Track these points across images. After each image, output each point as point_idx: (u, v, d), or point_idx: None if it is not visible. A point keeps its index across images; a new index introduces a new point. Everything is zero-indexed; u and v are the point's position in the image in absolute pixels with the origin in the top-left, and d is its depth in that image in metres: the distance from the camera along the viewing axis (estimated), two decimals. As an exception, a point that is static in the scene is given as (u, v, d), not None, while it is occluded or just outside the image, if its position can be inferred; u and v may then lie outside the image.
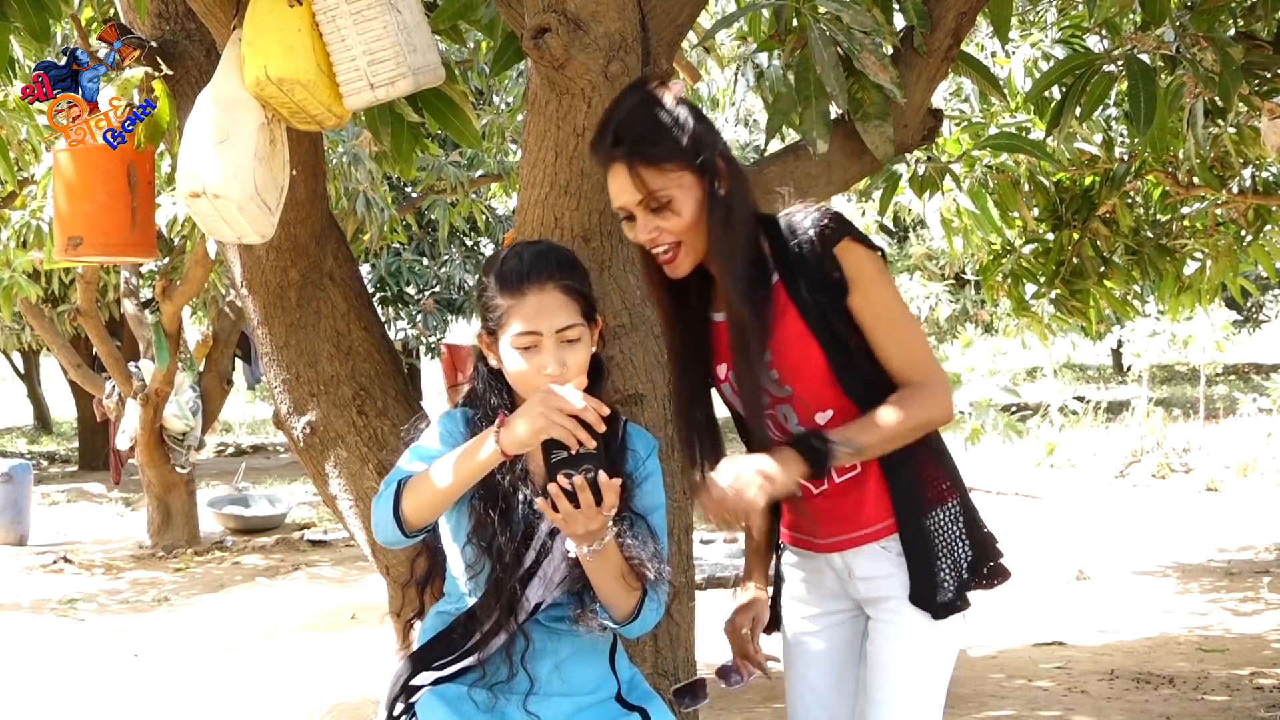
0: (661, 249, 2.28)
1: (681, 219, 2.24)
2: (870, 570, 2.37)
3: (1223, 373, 19.87)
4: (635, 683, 2.41)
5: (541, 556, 2.28)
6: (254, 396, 23.67)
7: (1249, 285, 6.73)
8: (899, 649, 2.35)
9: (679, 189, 2.23)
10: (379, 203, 7.84)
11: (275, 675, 6.22)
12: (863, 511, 2.36)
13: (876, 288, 2.28)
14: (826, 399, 2.31)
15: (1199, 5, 3.68)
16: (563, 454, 2.10)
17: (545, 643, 2.31)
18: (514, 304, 2.22)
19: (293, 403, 3.23)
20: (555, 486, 2.11)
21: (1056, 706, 5.27)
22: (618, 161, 2.24)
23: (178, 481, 10.00)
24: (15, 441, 20.98)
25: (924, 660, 2.35)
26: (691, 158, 2.23)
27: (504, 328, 2.24)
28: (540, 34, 2.53)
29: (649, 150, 2.22)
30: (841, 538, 2.39)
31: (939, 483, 2.35)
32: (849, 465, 2.32)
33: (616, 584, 2.24)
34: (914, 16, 3.05)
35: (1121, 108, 5.06)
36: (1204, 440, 12.92)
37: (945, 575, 2.33)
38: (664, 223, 2.25)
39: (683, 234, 2.26)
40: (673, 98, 2.28)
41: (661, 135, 2.23)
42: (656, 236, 2.26)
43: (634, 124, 2.24)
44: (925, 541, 2.32)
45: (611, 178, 2.27)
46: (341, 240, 3.35)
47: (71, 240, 3.15)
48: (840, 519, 2.39)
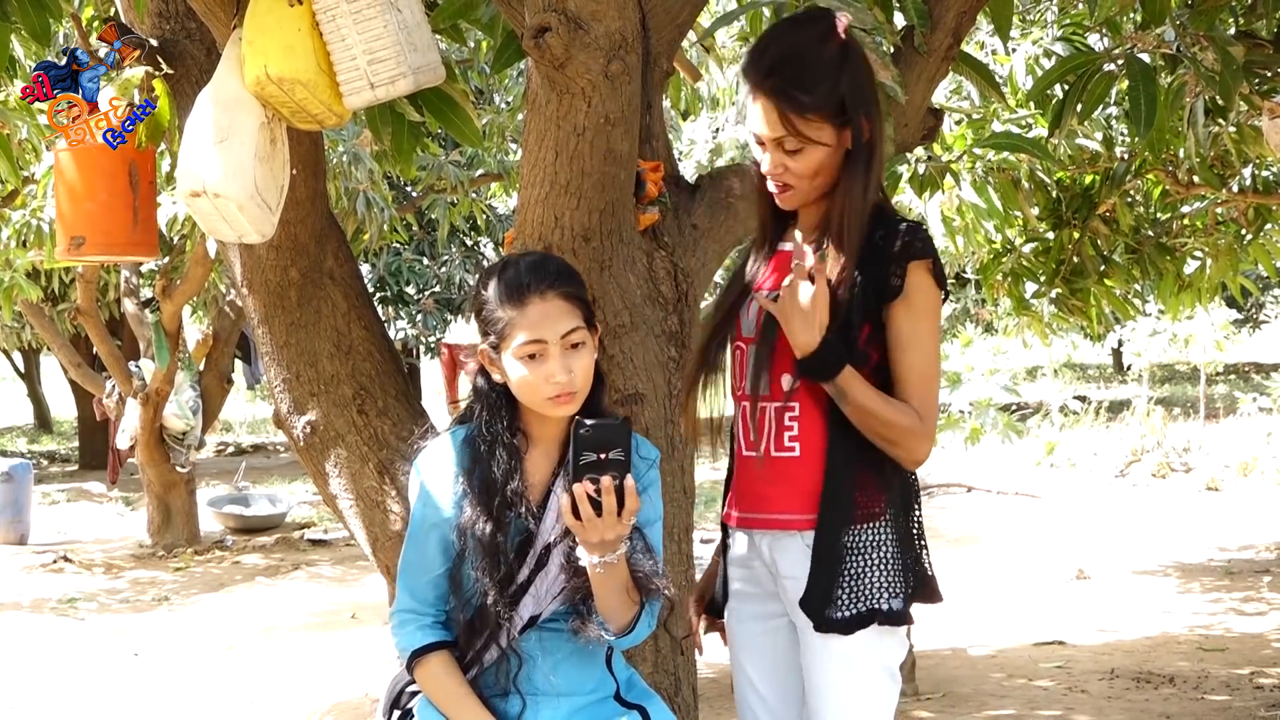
0: (778, 184, 2.31)
1: (807, 166, 2.27)
2: (795, 570, 2.30)
3: (1223, 372, 19.86)
4: (633, 682, 2.41)
5: (536, 571, 2.27)
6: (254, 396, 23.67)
7: (1249, 284, 6.73)
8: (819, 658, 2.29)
9: (815, 138, 2.25)
10: (379, 202, 7.84)
11: (275, 675, 6.22)
12: (787, 496, 2.30)
13: (924, 317, 2.28)
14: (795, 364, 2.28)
15: (1199, 4, 3.68)
16: (591, 457, 2.09)
17: (541, 647, 2.30)
18: (516, 315, 2.22)
19: (293, 402, 3.23)
20: (580, 489, 2.10)
21: (1056, 706, 5.27)
22: (766, 95, 2.25)
23: (178, 481, 10.00)
24: (15, 441, 20.97)
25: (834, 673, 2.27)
26: (837, 112, 2.25)
27: (508, 339, 2.23)
28: (540, 33, 2.53)
29: (798, 96, 2.22)
30: (759, 515, 2.35)
31: (874, 502, 2.29)
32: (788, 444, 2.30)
33: (619, 597, 2.24)
34: (914, 15, 3.04)
35: (1122, 106, 5.06)
36: (1204, 440, 12.92)
37: (843, 593, 2.25)
38: (791, 163, 2.27)
39: (805, 178, 2.28)
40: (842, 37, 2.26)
41: (816, 83, 2.23)
42: (781, 173, 2.29)
43: (793, 62, 2.23)
44: (836, 553, 2.25)
45: (753, 104, 2.28)
46: (342, 239, 3.35)
47: (74, 240, 3.15)
48: (761, 495, 2.34)
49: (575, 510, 2.13)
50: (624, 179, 2.77)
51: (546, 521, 2.28)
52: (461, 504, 2.24)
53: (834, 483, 2.27)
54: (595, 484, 2.09)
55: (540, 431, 2.31)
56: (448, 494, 2.26)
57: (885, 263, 2.27)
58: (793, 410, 2.30)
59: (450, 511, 2.25)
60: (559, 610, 2.30)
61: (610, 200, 2.74)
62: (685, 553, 2.95)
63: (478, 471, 2.24)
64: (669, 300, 2.88)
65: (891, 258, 2.27)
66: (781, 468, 2.32)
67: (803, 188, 2.30)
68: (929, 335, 2.28)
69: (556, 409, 2.24)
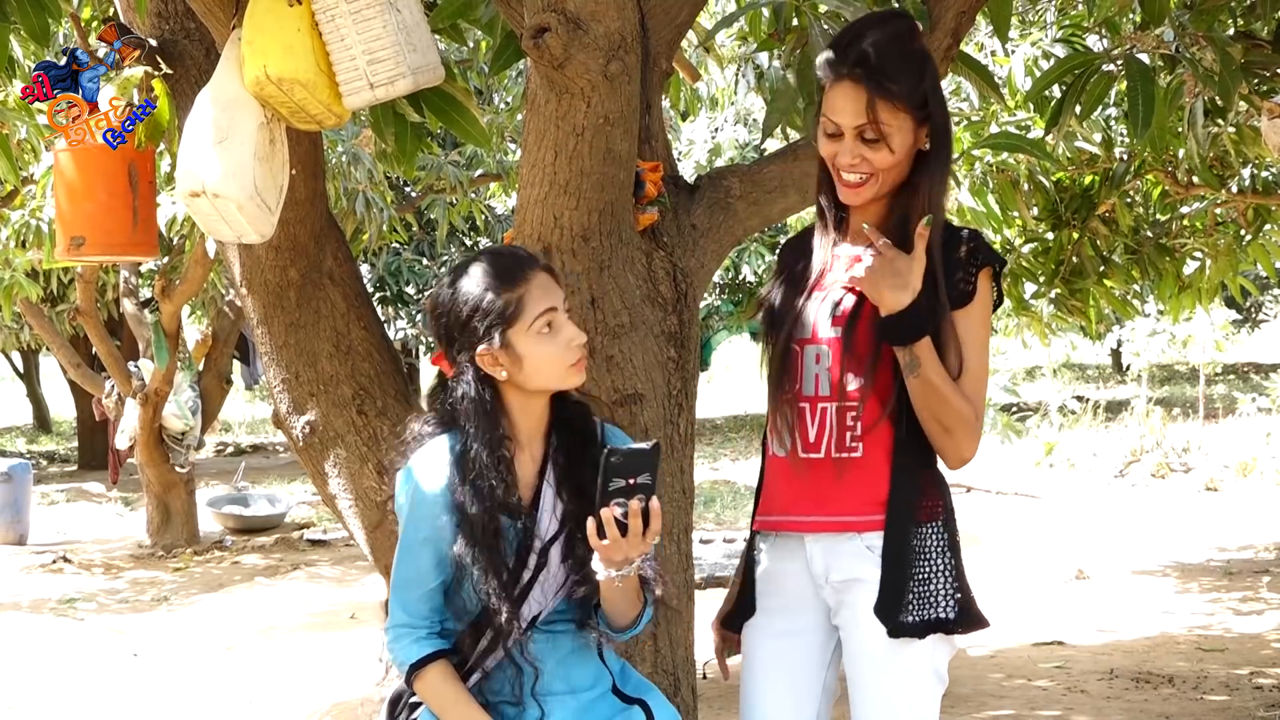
0: (857, 176, 2.29)
1: (885, 159, 2.26)
2: (852, 573, 2.29)
3: (1222, 372, 19.87)
4: (626, 673, 2.42)
5: (538, 571, 2.27)
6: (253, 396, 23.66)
7: (1249, 285, 6.74)
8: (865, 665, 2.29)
9: (898, 129, 2.25)
10: (378, 202, 7.84)
11: (275, 675, 6.22)
12: (852, 495, 2.29)
13: (984, 323, 2.32)
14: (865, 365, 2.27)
15: (1198, 4, 3.68)
16: (620, 484, 2.10)
17: (540, 646, 2.30)
18: (523, 293, 2.23)
19: (292, 402, 3.23)
20: (608, 515, 2.11)
21: (1056, 706, 5.27)
22: (855, 81, 2.24)
23: (177, 481, 9.99)
24: (14, 441, 20.97)
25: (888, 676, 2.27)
26: (920, 107, 2.26)
27: (520, 319, 2.22)
28: (540, 33, 2.53)
29: (889, 84, 2.23)
30: (818, 518, 2.31)
31: (935, 503, 2.31)
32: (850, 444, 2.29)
33: (629, 599, 2.26)
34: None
35: (1121, 107, 5.06)
36: (1203, 440, 12.92)
37: (913, 597, 2.25)
38: (871, 154, 2.26)
39: (879, 171, 2.28)
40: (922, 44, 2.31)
41: (905, 73, 2.25)
42: (857, 164, 2.27)
43: (885, 51, 2.24)
44: (906, 552, 2.26)
45: (836, 92, 2.26)
46: (341, 240, 3.35)
47: (74, 240, 3.15)
48: (820, 497, 2.31)
49: (600, 531, 2.14)
50: (623, 179, 2.77)
51: (541, 520, 2.28)
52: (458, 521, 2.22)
53: (902, 482, 2.28)
54: (622, 507, 2.11)
55: (524, 429, 2.30)
56: (441, 508, 2.23)
57: (952, 267, 2.29)
58: (854, 410, 2.29)
59: (445, 526, 2.23)
60: (560, 605, 2.31)
61: (609, 200, 2.74)
62: (685, 553, 2.94)
63: (473, 488, 2.21)
64: (668, 300, 2.88)
65: (959, 263, 2.29)
66: (843, 468, 2.30)
67: (877, 182, 2.29)
68: (986, 340, 2.32)
69: (577, 376, 2.27)
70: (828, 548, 2.32)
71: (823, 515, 2.32)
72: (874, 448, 2.30)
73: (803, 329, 2.35)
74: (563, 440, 2.32)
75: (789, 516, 2.37)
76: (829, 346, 2.31)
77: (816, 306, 2.35)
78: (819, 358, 2.32)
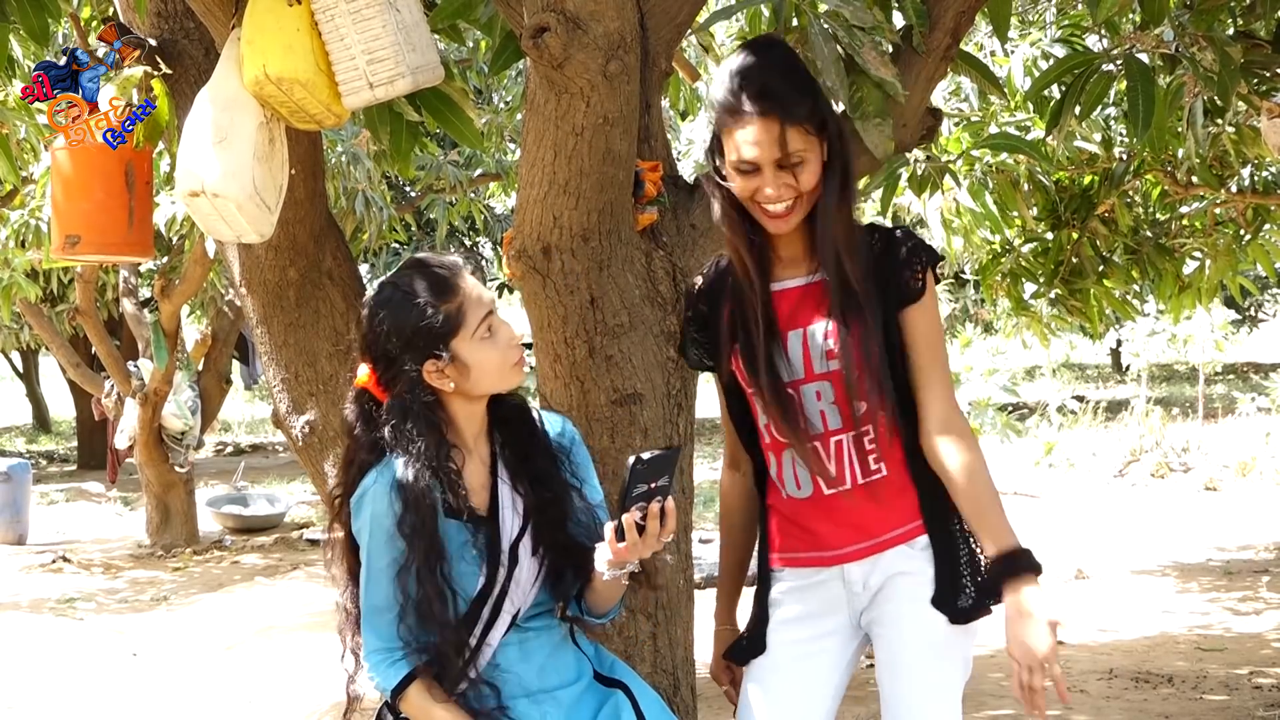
0: (784, 205, 2.31)
1: (808, 180, 2.30)
2: (893, 568, 2.34)
3: (1221, 372, 19.87)
4: (601, 654, 2.44)
5: (511, 569, 2.28)
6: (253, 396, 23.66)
7: (1248, 284, 6.73)
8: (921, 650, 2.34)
9: (810, 150, 2.29)
10: (378, 202, 7.84)
11: (274, 674, 6.21)
12: (889, 515, 2.35)
13: (936, 315, 2.37)
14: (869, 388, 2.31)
15: (1198, 4, 3.68)
16: (643, 488, 2.13)
17: (526, 645, 2.31)
18: (459, 302, 2.24)
19: (292, 402, 3.23)
20: (630, 519, 2.14)
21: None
22: (763, 116, 2.26)
23: (176, 481, 9.99)
24: (14, 441, 20.97)
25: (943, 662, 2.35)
26: (821, 122, 2.30)
27: (463, 325, 2.23)
28: (539, 33, 2.53)
29: (795, 110, 2.26)
30: (862, 545, 2.36)
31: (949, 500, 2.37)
32: (874, 467, 2.34)
33: (618, 588, 2.29)
34: (913, 15, 3.04)
35: (1120, 107, 5.06)
36: (1203, 440, 12.91)
37: (966, 581, 2.35)
38: (793, 180, 2.29)
39: (807, 192, 2.31)
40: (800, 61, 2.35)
41: (803, 95, 2.29)
42: (783, 193, 2.29)
43: (781, 80, 2.28)
44: (953, 544, 2.35)
45: (746, 130, 2.28)
46: (340, 239, 3.35)
47: (69, 239, 3.15)
48: (859, 525, 2.36)
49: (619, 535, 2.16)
50: (622, 179, 2.77)
51: (505, 520, 2.29)
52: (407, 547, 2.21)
53: (927, 485, 2.35)
54: (641, 510, 2.15)
55: (469, 435, 2.31)
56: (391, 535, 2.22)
57: (898, 267, 2.33)
58: (869, 434, 2.34)
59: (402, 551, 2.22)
60: (537, 601, 2.32)
61: (609, 200, 2.74)
62: (684, 552, 2.94)
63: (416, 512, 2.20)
64: (668, 300, 2.88)
65: (905, 262, 2.34)
66: (874, 491, 2.35)
67: (802, 205, 2.32)
68: (940, 333, 2.38)
69: (518, 375, 2.30)
70: (875, 565, 2.37)
71: (866, 541, 2.37)
72: (893, 462, 2.36)
73: (793, 371, 2.36)
74: (506, 436, 2.34)
75: (829, 551, 2.39)
76: (829, 381, 2.34)
77: (799, 346, 2.36)
78: (820, 395, 2.35)
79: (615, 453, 2.85)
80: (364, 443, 2.28)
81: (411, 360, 2.22)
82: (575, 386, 2.88)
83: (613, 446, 2.86)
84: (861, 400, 2.31)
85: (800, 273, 2.38)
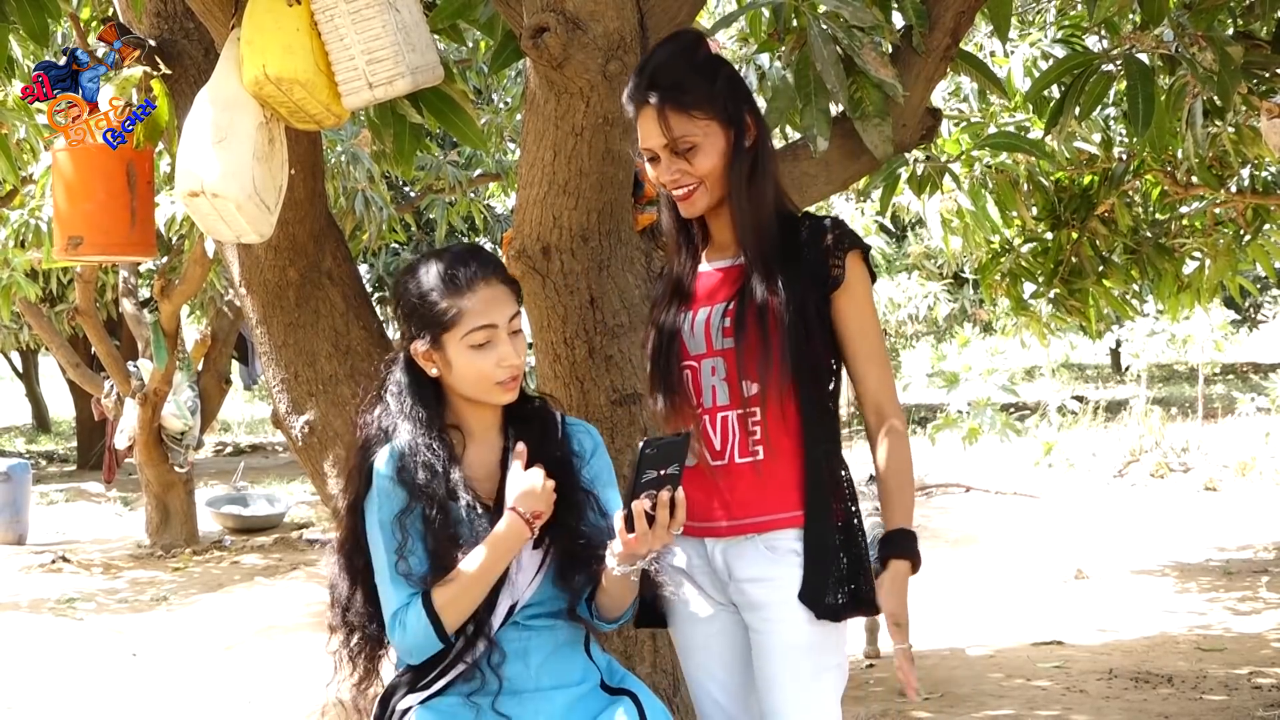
0: (683, 189, 2.35)
1: (703, 164, 2.33)
2: (752, 572, 2.33)
3: (1221, 372, 19.88)
4: (613, 668, 2.43)
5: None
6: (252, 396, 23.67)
7: (1248, 284, 6.74)
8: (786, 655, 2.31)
9: (705, 136, 2.32)
10: (378, 202, 7.84)
11: (274, 674, 6.21)
12: (762, 497, 2.33)
13: (866, 302, 2.39)
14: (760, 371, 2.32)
15: (1197, 5, 3.68)
16: (652, 475, 2.12)
17: (524, 644, 2.31)
18: (466, 302, 2.25)
19: (291, 402, 3.23)
20: (639, 507, 2.13)
21: (1055, 706, 5.27)
22: (649, 105, 2.31)
23: (176, 481, 9.99)
24: (14, 441, 20.97)
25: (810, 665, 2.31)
26: (720, 108, 2.32)
27: (455, 327, 2.25)
28: (539, 33, 2.53)
29: (680, 96, 2.31)
30: (725, 523, 2.35)
31: (841, 492, 2.36)
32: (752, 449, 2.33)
33: (629, 589, 2.27)
34: (913, 15, 3.05)
35: (1120, 107, 5.06)
36: (1202, 440, 12.91)
37: (834, 580, 2.31)
38: (687, 165, 2.33)
39: (703, 178, 2.34)
40: (709, 50, 2.37)
41: (693, 83, 2.32)
42: (679, 178, 2.34)
43: (668, 70, 2.32)
44: (827, 540, 2.31)
45: (641, 120, 2.34)
46: (340, 239, 3.35)
47: (71, 240, 3.15)
48: (729, 503, 2.35)
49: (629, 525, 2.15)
50: (622, 179, 2.77)
51: None
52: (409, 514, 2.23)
53: (815, 478, 2.33)
54: (651, 499, 2.13)
55: (477, 424, 2.33)
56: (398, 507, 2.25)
57: (821, 255, 2.36)
58: (755, 415, 2.34)
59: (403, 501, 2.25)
60: (535, 597, 2.31)
61: (608, 200, 2.74)
62: (684, 553, 2.94)
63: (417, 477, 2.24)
64: (667, 300, 2.88)
65: (827, 249, 2.36)
66: (744, 472, 2.35)
67: (706, 187, 2.35)
68: (872, 317, 2.40)
69: (504, 394, 2.29)
70: (727, 549, 2.37)
71: (727, 520, 2.36)
72: (779, 448, 2.34)
73: (696, 345, 2.39)
74: (520, 433, 2.35)
75: (697, 523, 2.38)
76: (723, 358, 2.36)
77: (703, 322, 2.39)
78: (714, 370, 2.37)
79: (615, 453, 2.86)
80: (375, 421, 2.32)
81: (407, 331, 2.30)
82: (575, 386, 2.89)
83: (613, 446, 2.87)
84: (752, 381, 2.32)
85: (727, 256, 2.42)
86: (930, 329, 18.69)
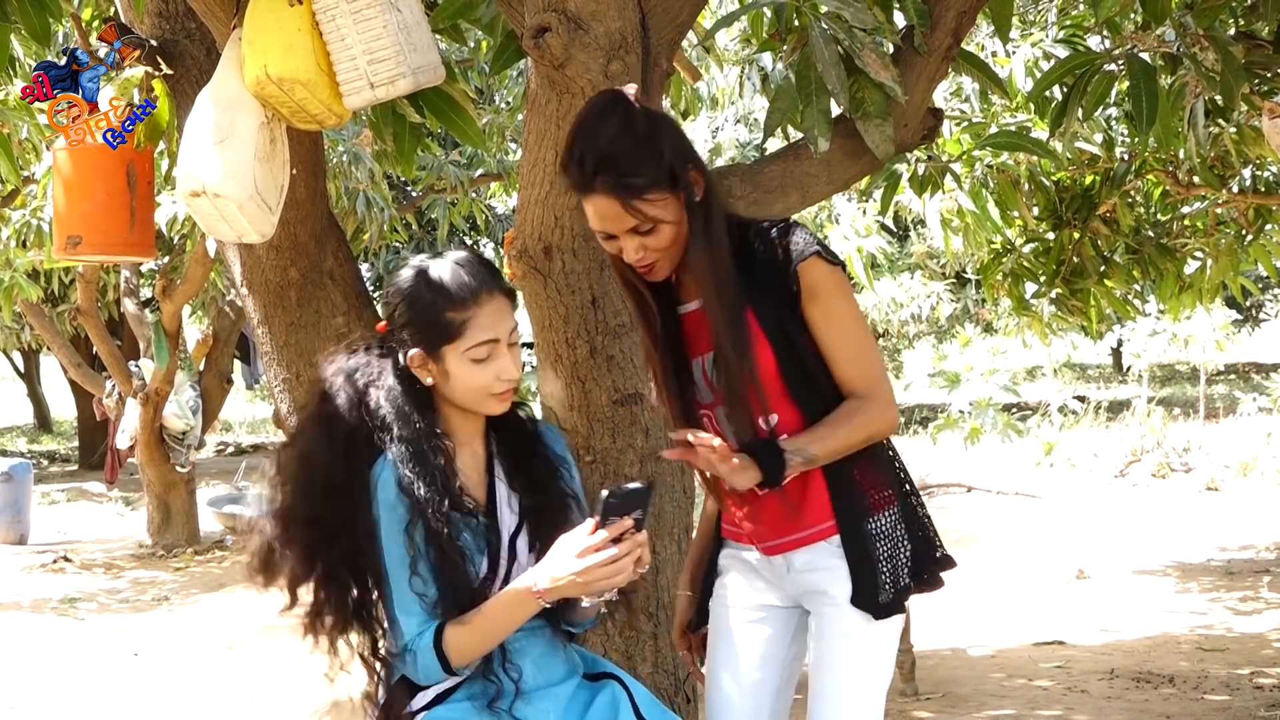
0: (647, 264, 2.29)
1: (666, 236, 2.26)
2: (811, 562, 2.35)
3: (1223, 372, 19.86)
4: (587, 656, 2.46)
5: (510, 565, 2.29)
6: (254, 396, 23.66)
7: (1249, 284, 6.74)
8: (839, 643, 2.34)
9: (663, 211, 2.24)
10: (379, 202, 7.84)
11: (275, 674, 6.21)
12: (804, 513, 2.34)
13: (835, 301, 2.30)
14: (772, 403, 2.31)
15: (1200, 4, 3.68)
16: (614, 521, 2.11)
17: (522, 645, 2.32)
18: (470, 315, 2.23)
19: (293, 402, 3.23)
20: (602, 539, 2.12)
21: (1056, 706, 5.27)
22: (604, 194, 2.22)
23: (178, 481, 10.00)
24: (15, 440, 20.97)
25: (864, 656, 2.34)
26: (670, 180, 2.23)
27: (460, 340, 2.23)
28: (540, 33, 2.53)
29: (634, 182, 2.20)
30: (781, 540, 2.37)
31: (879, 490, 2.35)
32: None
33: (595, 608, 2.29)
34: (914, 15, 3.05)
35: (1122, 107, 5.06)
36: (1204, 440, 12.91)
37: (885, 579, 2.32)
38: (649, 241, 2.26)
39: (667, 249, 2.27)
40: (640, 110, 2.26)
41: (643, 164, 2.21)
42: (644, 255, 2.27)
43: (614, 154, 2.21)
44: (866, 546, 2.32)
45: (590, 204, 2.25)
46: (341, 239, 3.35)
47: (70, 239, 3.15)
48: (779, 522, 2.37)
49: None
50: (624, 179, 2.76)
51: (502, 516, 2.31)
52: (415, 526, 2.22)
53: (841, 486, 2.33)
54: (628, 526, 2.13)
55: (464, 432, 2.32)
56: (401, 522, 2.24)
57: (780, 275, 2.30)
58: None
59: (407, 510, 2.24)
60: None
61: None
62: (685, 552, 2.94)
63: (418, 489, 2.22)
64: (669, 300, 2.87)
65: (780, 265, 2.30)
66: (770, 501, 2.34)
67: (669, 257, 2.30)
68: (845, 315, 2.32)
69: (498, 406, 2.28)
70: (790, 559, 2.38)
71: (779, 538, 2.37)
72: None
73: (704, 395, 2.38)
74: (503, 438, 2.35)
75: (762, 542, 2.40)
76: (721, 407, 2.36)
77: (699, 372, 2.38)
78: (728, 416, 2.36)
79: (616, 453, 2.86)
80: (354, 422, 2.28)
81: (404, 340, 2.26)
82: (576, 386, 2.89)
83: (614, 446, 2.86)
84: (746, 428, 2.30)
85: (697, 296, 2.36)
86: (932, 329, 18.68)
